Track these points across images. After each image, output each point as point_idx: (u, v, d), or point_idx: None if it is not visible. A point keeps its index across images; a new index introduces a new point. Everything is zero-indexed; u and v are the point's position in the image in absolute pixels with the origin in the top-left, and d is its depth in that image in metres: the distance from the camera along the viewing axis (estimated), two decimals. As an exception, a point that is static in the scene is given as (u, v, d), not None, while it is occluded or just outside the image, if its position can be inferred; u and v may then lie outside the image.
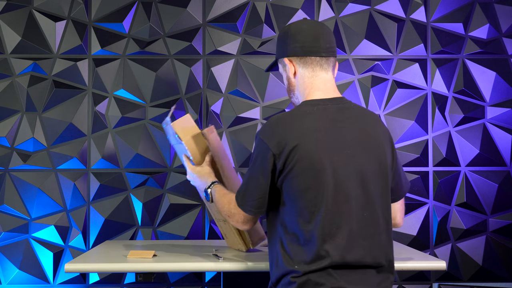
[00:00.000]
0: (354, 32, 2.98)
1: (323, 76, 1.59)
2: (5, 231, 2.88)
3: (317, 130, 1.49)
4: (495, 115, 2.97)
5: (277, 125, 1.52)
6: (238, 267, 1.89)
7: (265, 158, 1.50)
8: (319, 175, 1.46)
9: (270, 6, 2.98)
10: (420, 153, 2.96)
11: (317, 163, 1.46)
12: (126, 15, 2.96)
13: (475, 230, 2.95)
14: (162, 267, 1.94)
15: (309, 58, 1.58)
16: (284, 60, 1.62)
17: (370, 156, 1.52)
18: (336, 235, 1.46)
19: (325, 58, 1.58)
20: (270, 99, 2.96)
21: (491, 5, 2.99)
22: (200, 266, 1.93)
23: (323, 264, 1.44)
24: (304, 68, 1.59)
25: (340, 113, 1.54)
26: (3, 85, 2.91)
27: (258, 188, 1.53)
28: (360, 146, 1.51)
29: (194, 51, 2.96)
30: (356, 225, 1.48)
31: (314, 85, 1.58)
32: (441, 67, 2.98)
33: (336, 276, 1.45)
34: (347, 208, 1.47)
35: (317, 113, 1.52)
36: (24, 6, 2.94)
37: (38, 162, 2.90)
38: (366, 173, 1.51)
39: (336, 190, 1.47)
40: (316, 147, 1.47)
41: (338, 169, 1.47)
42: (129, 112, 2.94)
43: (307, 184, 1.46)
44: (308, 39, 1.57)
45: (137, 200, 2.92)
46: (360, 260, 1.47)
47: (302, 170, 1.46)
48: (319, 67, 1.58)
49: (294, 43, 1.58)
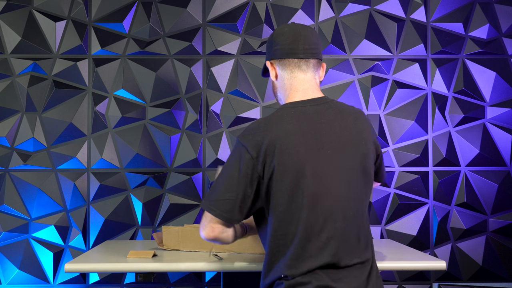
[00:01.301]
0: (354, 32, 2.98)
1: (301, 77, 1.59)
2: (5, 231, 2.88)
3: (296, 132, 1.48)
4: (495, 115, 2.97)
5: (256, 129, 1.50)
6: (238, 267, 1.89)
7: (241, 160, 1.48)
8: (300, 177, 1.45)
9: (270, 6, 2.98)
10: (420, 153, 2.96)
11: (297, 165, 1.45)
12: (126, 15, 2.96)
13: (475, 230, 2.95)
14: (162, 267, 1.94)
15: (287, 60, 1.58)
16: (266, 64, 1.65)
17: (351, 154, 1.51)
18: (320, 236, 1.45)
19: (304, 60, 1.58)
20: (270, 99, 2.96)
21: (491, 5, 2.99)
22: (200, 266, 1.93)
23: (310, 266, 1.44)
24: (283, 70, 1.60)
25: (319, 114, 1.53)
26: (3, 85, 2.91)
27: (229, 188, 1.49)
28: (340, 145, 1.50)
29: (194, 51, 2.96)
30: (341, 225, 1.47)
31: (293, 87, 1.59)
32: (441, 67, 2.99)
33: (323, 274, 1.45)
34: (330, 208, 1.47)
35: (295, 115, 1.52)
36: (24, 6, 2.94)
37: (38, 162, 2.90)
38: (348, 171, 1.50)
39: (318, 191, 1.46)
40: (295, 149, 1.46)
41: (318, 169, 1.47)
42: (129, 112, 2.94)
43: (287, 186, 1.45)
44: (286, 41, 1.58)
45: (137, 200, 2.92)
46: (347, 260, 1.47)
47: (282, 173, 1.45)
48: (297, 68, 1.59)
49: (275, 46, 1.60)
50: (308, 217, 1.45)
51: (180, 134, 2.94)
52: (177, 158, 2.93)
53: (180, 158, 2.93)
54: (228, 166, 1.51)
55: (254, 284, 2.14)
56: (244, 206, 1.50)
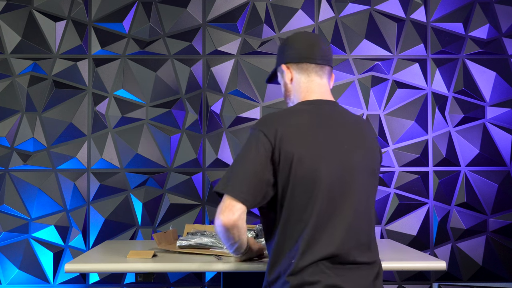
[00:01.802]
0: (354, 32, 2.98)
1: (318, 81, 1.63)
2: (5, 231, 2.88)
3: (312, 125, 1.52)
4: (495, 115, 2.97)
5: (271, 119, 1.53)
6: (238, 267, 1.89)
7: (259, 145, 1.48)
8: (313, 169, 1.48)
9: (270, 6, 2.98)
10: (420, 153, 2.96)
11: (312, 157, 1.48)
12: (126, 15, 2.96)
13: (475, 230, 2.95)
14: (162, 267, 1.94)
15: (305, 64, 1.62)
16: (282, 67, 1.66)
17: (365, 154, 1.56)
18: (330, 227, 1.47)
19: (320, 66, 1.63)
20: (270, 99, 2.96)
21: (491, 5, 2.99)
22: (200, 266, 1.93)
23: (315, 258, 1.45)
24: (300, 74, 1.63)
25: (334, 113, 1.58)
26: (3, 85, 2.91)
27: (245, 171, 1.47)
28: (355, 142, 1.55)
29: (194, 51, 2.96)
30: (350, 220, 1.49)
31: (310, 89, 1.62)
32: (441, 67, 2.98)
33: (330, 273, 1.46)
34: (340, 202, 1.49)
35: (313, 110, 1.56)
36: (24, 6, 2.94)
37: (38, 162, 2.90)
38: (361, 168, 1.53)
39: (330, 184, 1.48)
40: (310, 140, 1.49)
41: (333, 163, 1.49)
42: (129, 112, 2.94)
43: (300, 177, 1.47)
44: (303, 45, 1.63)
45: (137, 200, 2.92)
46: (354, 256, 1.49)
47: (296, 164, 1.47)
48: (314, 73, 1.62)
49: (291, 50, 1.64)
50: (320, 208, 1.47)
51: (180, 134, 2.94)
52: (177, 158, 2.93)
53: (180, 158, 2.93)
54: (245, 151, 1.50)
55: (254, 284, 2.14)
56: (261, 191, 1.48)
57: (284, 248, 1.50)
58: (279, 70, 1.70)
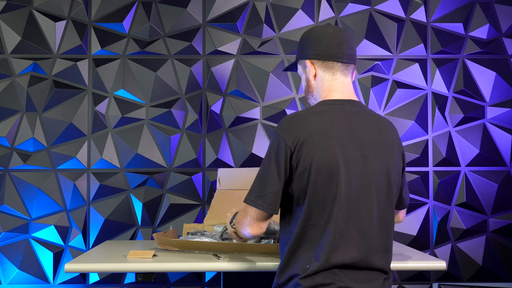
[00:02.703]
0: (354, 32, 2.98)
1: (342, 80, 1.61)
2: (5, 231, 2.88)
3: (333, 128, 1.51)
4: (495, 115, 2.97)
5: (293, 121, 1.52)
6: (238, 267, 1.89)
7: (280, 153, 1.49)
8: (333, 172, 1.47)
9: (270, 6, 2.98)
10: (420, 153, 2.96)
11: (332, 161, 1.47)
12: (126, 15, 2.96)
13: (475, 230, 2.95)
14: (162, 267, 1.94)
15: (331, 62, 1.60)
16: (305, 62, 1.63)
17: (382, 159, 1.53)
18: (346, 235, 1.47)
19: (345, 64, 1.61)
20: (270, 99, 2.96)
21: (491, 5, 2.99)
22: (200, 266, 1.93)
23: (330, 264, 1.45)
24: (325, 72, 1.61)
25: (356, 114, 1.56)
26: (3, 85, 2.91)
27: (271, 182, 1.51)
28: (374, 147, 1.53)
29: (194, 51, 2.96)
30: (367, 225, 1.49)
31: (332, 87, 1.60)
32: (441, 67, 2.99)
33: (343, 276, 1.46)
34: (359, 207, 1.49)
35: (334, 112, 1.54)
36: (24, 6, 2.94)
37: (38, 162, 2.90)
38: (378, 174, 1.52)
39: (349, 188, 1.48)
40: (331, 145, 1.48)
41: (352, 168, 1.49)
42: (129, 112, 2.94)
43: (320, 181, 1.47)
44: (331, 44, 1.59)
45: (137, 200, 2.92)
46: (368, 262, 1.49)
47: (316, 167, 1.47)
48: (340, 72, 1.61)
49: (317, 46, 1.60)
50: (338, 214, 1.46)
51: (180, 134, 2.94)
52: (177, 158, 2.93)
53: (180, 158, 2.93)
54: (267, 159, 1.53)
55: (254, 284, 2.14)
56: (281, 197, 1.53)
57: (298, 252, 1.49)
58: (301, 63, 1.67)
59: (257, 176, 1.56)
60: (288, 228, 1.55)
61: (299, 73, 1.71)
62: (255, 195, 1.54)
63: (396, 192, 1.58)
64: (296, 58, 1.70)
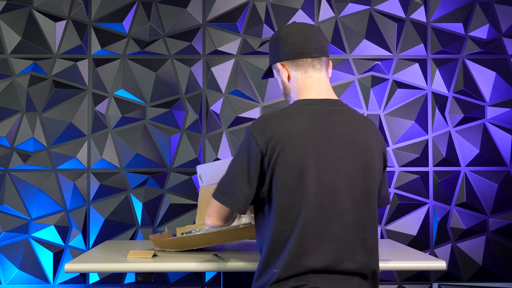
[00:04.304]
0: (354, 32, 2.98)
1: (316, 76, 1.58)
2: (5, 231, 2.88)
3: (306, 130, 1.48)
4: (495, 115, 2.97)
5: (267, 122, 1.50)
6: (238, 267, 1.89)
7: (251, 153, 1.47)
8: (303, 176, 1.44)
9: (270, 6, 2.98)
10: (420, 153, 2.96)
11: (302, 164, 1.45)
12: (126, 15, 2.96)
13: (475, 230, 2.95)
14: (162, 267, 1.94)
15: (301, 60, 1.58)
16: (277, 65, 1.62)
17: (357, 160, 1.50)
18: (318, 237, 1.44)
19: (317, 59, 1.58)
20: (270, 99, 2.96)
21: (491, 5, 2.99)
22: (200, 266, 1.93)
23: (302, 269, 1.43)
24: (297, 70, 1.58)
25: (331, 115, 1.52)
26: (3, 85, 2.91)
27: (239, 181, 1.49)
28: (348, 149, 1.49)
29: (194, 51, 2.96)
30: (340, 228, 1.46)
31: (307, 85, 1.58)
32: (441, 67, 2.99)
33: (315, 280, 1.44)
34: (331, 211, 1.46)
35: (309, 112, 1.51)
36: (24, 6, 2.94)
37: (38, 162, 2.90)
38: (352, 176, 1.48)
39: (320, 191, 1.45)
40: (303, 148, 1.45)
41: (323, 170, 1.46)
42: (129, 112, 2.94)
43: (290, 184, 1.45)
44: (298, 41, 1.57)
45: (137, 200, 2.92)
46: (343, 266, 1.46)
47: (286, 169, 1.45)
48: (312, 68, 1.58)
49: (285, 47, 1.58)
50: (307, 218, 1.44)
51: (180, 134, 2.94)
52: (177, 158, 2.93)
53: (180, 158, 2.93)
54: (238, 158, 1.51)
55: (254, 284, 2.14)
56: (252, 196, 1.50)
57: (271, 257, 1.47)
58: (274, 67, 1.66)
59: (226, 173, 1.55)
60: (261, 233, 1.53)
61: (276, 77, 1.70)
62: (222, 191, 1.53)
63: (376, 192, 1.55)
64: (270, 63, 1.69)
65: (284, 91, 1.66)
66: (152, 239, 2.19)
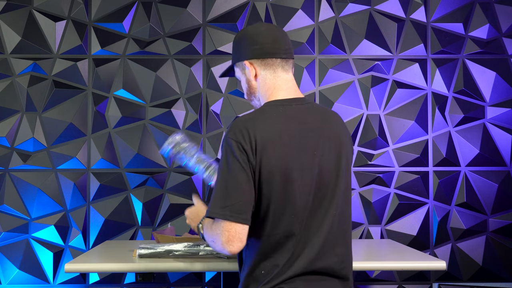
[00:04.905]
0: (354, 32, 2.98)
1: (284, 77, 1.56)
2: (5, 231, 2.88)
3: (284, 133, 1.45)
4: (495, 115, 2.97)
5: (246, 127, 1.44)
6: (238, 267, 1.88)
7: (238, 156, 1.41)
8: (288, 180, 1.42)
9: (270, 6, 2.98)
10: (420, 153, 2.96)
11: (285, 166, 1.42)
12: (126, 15, 2.96)
13: (475, 230, 2.95)
14: (162, 267, 1.94)
15: (270, 59, 1.55)
16: (244, 63, 1.59)
17: (335, 156, 1.50)
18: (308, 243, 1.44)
19: (285, 60, 1.57)
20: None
21: (491, 5, 2.99)
22: (200, 266, 1.93)
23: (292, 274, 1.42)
24: (266, 70, 1.56)
25: (304, 114, 1.51)
26: (3, 85, 2.91)
27: (235, 190, 1.41)
28: (326, 146, 1.48)
29: (194, 51, 2.96)
30: (327, 230, 1.46)
31: (276, 86, 1.55)
32: (441, 67, 2.99)
33: (299, 282, 1.42)
34: (316, 213, 1.45)
35: (282, 114, 1.48)
36: (24, 6, 2.94)
37: (38, 162, 2.90)
38: (334, 173, 1.48)
39: (305, 194, 1.44)
40: (283, 151, 1.43)
41: (306, 172, 1.44)
42: (129, 112, 2.94)
43: (275, 187, 1.42)
44: (267, 40, 1.55)
45: (137, 200, 2.92)
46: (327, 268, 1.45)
47: (271, 173, 1.42)
48: (280, 68, 1.56)
49: (254, 45, 1.56)
50: (296, 221, 1.43)
51: (180, 134, 2.94)
52: (177, 158, 2.93)
53: (180, 158, 2.93)
54: (226, 166, 1.43)
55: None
56: (251, 202, 1.43)
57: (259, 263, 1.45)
58: (239, 65, 1.62)
59: (217, 189, 1.44)
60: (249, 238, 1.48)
61: (237, 77, 1.66)
62: (219, 205, 1.41)
63: (350, 187, 1.55)
64: (233, 62, 1.65)
65: (249, 91, 1.61)
66: (155, 235, 2.19)
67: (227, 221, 1.41)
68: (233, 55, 1.66)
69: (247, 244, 1.48)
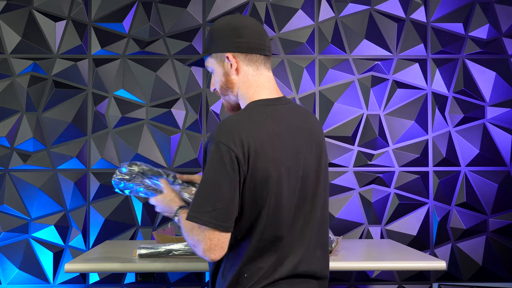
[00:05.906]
0: (354, 32, 2.98)
1: (266, 75, 1.51)
2: (5, 231, 2.88)
3: (275, 135, 1.41)
4: (495, 115, 2.97)
5: (235, 129, 1.38)
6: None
7: (227, 162, 1.35)
8: (278, 182, 1.39)
9: (270, 6, 2.98)
10: (420, 153, 2.96)
11: (277, 170, 1.39)
12: (126, 15, 2.96)
13: (475, 230, 2.95)
14: (162, 267, 1.94)
15: (254, 55, 1.49)
16: (225, 55, 1.49)
17: (316, 157, 1.48)
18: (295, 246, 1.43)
19: (267, 57, 1.51)
20: (270, 99, 2.96)
21: (491, 5, 2.99)
22: (200, 266, 1.93)
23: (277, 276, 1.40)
24: (249, 66, 1.49)
25: (289, 115, 1.48)
26: (3, 85, 2.91)
27: (218, 195, 1.35)
28: (308, 148, 1.47)
29: (194, 51, 2.96)
30: (310, 232, 1.45)
31: (259, 83, 1.49)
32: (441, 67, 2.99)
33: (284, 286, 1.41)
34: (301, 216, 1.44)
35: (271, 116, 1.44)
36: (24, 6, 2.94)
37: (38, 162, 2.90)
38: (314, 174, 1.47)
39: (291, 195, 1.41)
40: (275, 155, 1.40)
41: (293, 175, 1.42)
42: (129, 112, 2.94)
43: (266, 192, 1.38)
44: (254, 35, 1.48)
45: (137, 200, 2.92)
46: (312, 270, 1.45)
47: (263, 178, 1.38)
48: (263, 65, 1.50)
49: (239, 38, 1.48)
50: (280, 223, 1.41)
51: (180, 134, 2.94)
52: (177, 158, 2.93)
53: (180, 158, 2.93)
54: (212, 171, 1.37)
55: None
56: (235, 211, 1.38)
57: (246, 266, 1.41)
58: (216, 57, 1.51)
59: (202, 193, 1.38)
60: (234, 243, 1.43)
61: (210, 68, 1.55)
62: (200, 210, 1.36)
63: (328, 185, 1.54)
64: (209, 51, 1.53)
65: (225, 85, 1.52)
66: (156, 235, 2.19)
67: (210, 229, 1.36)
68: (208, 44, 1.54)
69: (230, 249, 1.41)
